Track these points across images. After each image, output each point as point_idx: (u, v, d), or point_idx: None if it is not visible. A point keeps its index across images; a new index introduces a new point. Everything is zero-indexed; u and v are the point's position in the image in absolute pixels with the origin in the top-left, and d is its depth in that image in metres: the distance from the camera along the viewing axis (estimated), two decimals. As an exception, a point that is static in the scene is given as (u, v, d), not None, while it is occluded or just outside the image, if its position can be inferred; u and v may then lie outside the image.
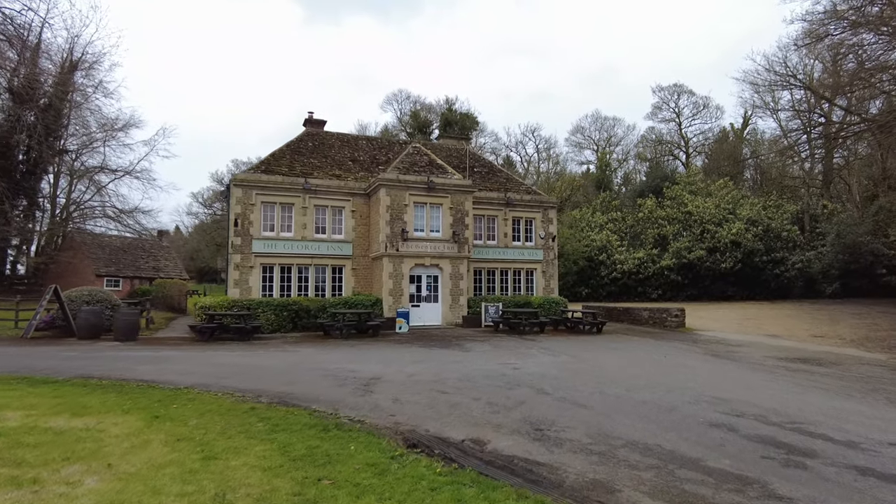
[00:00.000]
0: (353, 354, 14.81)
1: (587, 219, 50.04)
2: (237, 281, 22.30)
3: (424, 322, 22.78)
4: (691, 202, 46.55)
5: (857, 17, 29.65)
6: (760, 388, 10.59)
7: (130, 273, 35.21)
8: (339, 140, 27.57)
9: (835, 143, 44.07)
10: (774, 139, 51.48)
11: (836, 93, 34.04)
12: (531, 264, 26.90)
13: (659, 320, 25.05)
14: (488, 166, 29.86)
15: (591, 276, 45.89)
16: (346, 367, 12.58)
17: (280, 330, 20.69)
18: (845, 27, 30.69)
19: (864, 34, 30.78)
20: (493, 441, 6.86)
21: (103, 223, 50.62)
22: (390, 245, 22.31)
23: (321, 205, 23.67)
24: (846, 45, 31.76)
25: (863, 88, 33.21)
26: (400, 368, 12.44)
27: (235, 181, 22.58)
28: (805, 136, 45.55)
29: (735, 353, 16.09)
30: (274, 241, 22.85)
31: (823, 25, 31.28)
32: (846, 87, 33.88)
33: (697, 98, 62.89)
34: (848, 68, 33.60)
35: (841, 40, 31.63)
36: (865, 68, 31.80)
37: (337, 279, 23.82)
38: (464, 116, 65.66)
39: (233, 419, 7.63)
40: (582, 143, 72.14)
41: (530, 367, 12.72)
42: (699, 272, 44.01)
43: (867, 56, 31.50)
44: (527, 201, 26.96)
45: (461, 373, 11.86)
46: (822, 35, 29.90)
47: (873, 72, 30.77)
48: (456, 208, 23.55)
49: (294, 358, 14.11)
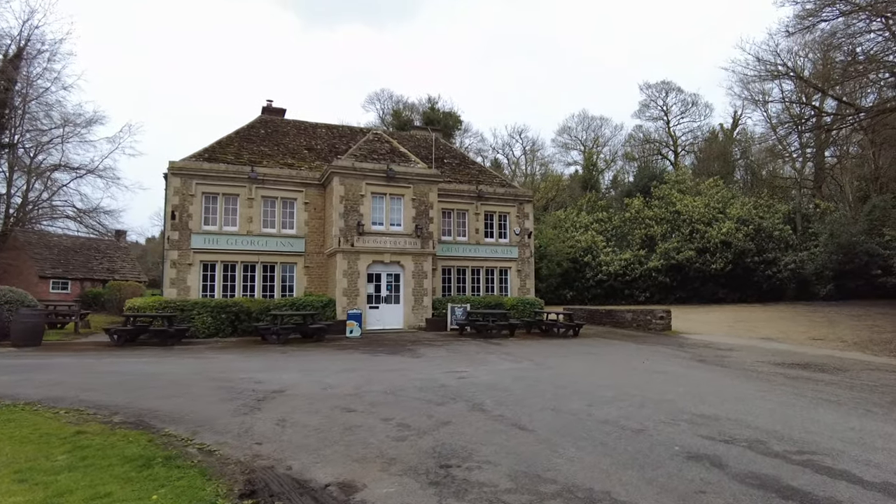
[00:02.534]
0: (276, 362, 12.58)
1: (572, 219, 48.09)
2: (174, 280, 20.03)
3: (384, 325, 20.58)
4: (680, 201, 44.69)
5: (849, 7, 28.02)
6: (755, 401, 8.48)
7: (81, 275, 32.77)
8: (295, 127, 25.38)
9: (827, 137, 42.46)
10: (764, 136, 49.97)
11: (828, 83, 32.29)
12: (505, 262, 24.78)
13: (643, 323, 23.00)
14: (459, 157, 27.76)
15: (575, 279, 43.85)
16: (255, 376, 10.37)
17: (218, 334, 18.46)
18: (837, 14, 29.03)
19: (858, 22, 29.13)
20: (371, 486, 4.70)
21: (63, 224, 48.21)
22: (344, 240, 20.12)
23: (270, 196, 21.45)
24: (838, 34, 30.10)
25: (855, 78, 31.56)
26: (320, 379, 10.24)
27: (173, 169, 20.32)
28: (795, 131, 43.97)
29: (725, 359, 14.00)
30: (216, 235, 20.60)
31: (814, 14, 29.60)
32: (838, 77, 32.24)
33: (686, 96, 61.30)
34: (839, 59, 31.98)
35: (833, 28, 29.98)
36: (858, 59, 30.16)
37: (287, 279, 21.58)
38: (446, 115, 63.71)
39: (37, 447, 5.72)
40: (569, 143, 70.32)
41: (481, 376, 10.56)
42: (688, 274, 42.07)
43: (861, 46, 29.89)
44: (500, 195, 24.86)
45: (392, 384, 9.68)
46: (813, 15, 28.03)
47: (867, 63, 29.11)
48: (419, 199, 21.40)
49: (203, 366, 11.86)
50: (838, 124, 34.74)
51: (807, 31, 30.01)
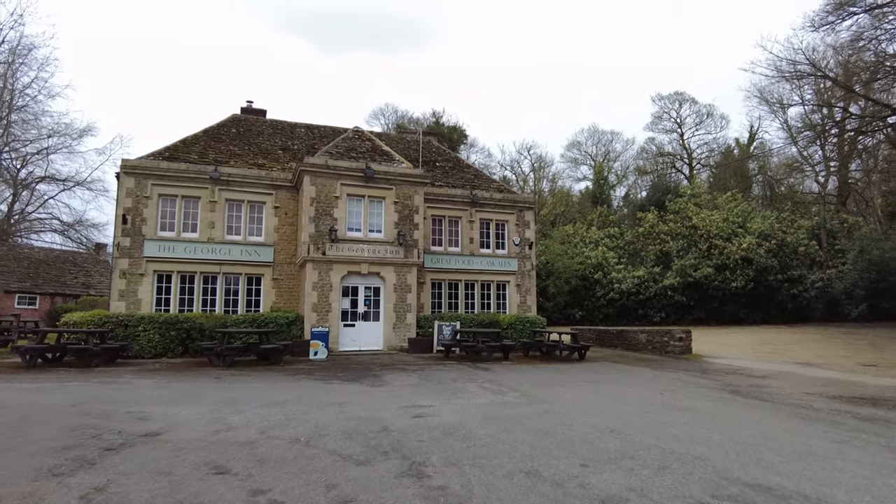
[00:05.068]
0: (197, 391, 10.02)
1: (581, 234, 45.39)
2: (123, 292, 17.63)
3: (360, 346, 17.97)
4: (696, 215, 41.83)
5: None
6: (833, 461, 5.77)
7: (51, 289, 30.57)
8: (270, 127, 23.12)
9: (852, 147, 39.66)
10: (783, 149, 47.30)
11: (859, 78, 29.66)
12: (503, 276, 22.13)
13: (659, 345, 20.21)
14: (453, 161, 25.30)
15: (585, 297, 40.96)
16: (147, 411, 7.84)
17: (166, 354, 16.00)
18: (868, 6, 26.56)
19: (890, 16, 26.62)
20: None
21: (49, 238, 46.39)
22: (315, 248, 17.66)
23: (235, 199, 19.09)
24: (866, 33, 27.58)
25: (885, 78, 28.94)
26: (226, 416, 7.67)
27: (126, 168, 18.06)
28: (818, 141, 41.22)
29: (763, 389, 11.22)
30: (173, 242, 18.23)
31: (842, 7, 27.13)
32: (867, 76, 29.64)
33: (700, 106, 58.71)
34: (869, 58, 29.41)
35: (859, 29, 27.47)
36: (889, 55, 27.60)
37: (254, 292, 19.10)
38: (451, 129, 61.74)
39: None
40: (578, 158, 67.86)
41: (444, 415, 7.92)
42: (707, 292, 39.05)
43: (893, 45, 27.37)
44: (497, 200, 22.32)
45: (315, 426, 7.09)
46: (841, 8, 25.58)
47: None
48: (403, 203, 18.92)
49: (95, 395, 9.30)
50: (868, 126, 31.92)
51: (835, 24, 27.54)
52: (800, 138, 41.82)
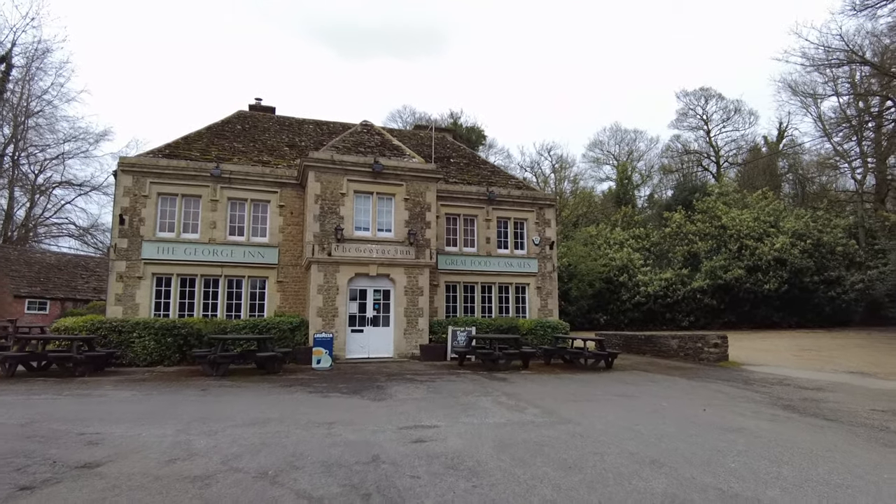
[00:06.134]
0: (172, 406, 8.89)
1: (605, 235, 43.73)
2: (120, 296, 16.73)
3: (369, 353, 16.80)
4: (726, 214, 39.94)
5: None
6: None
7: (62, 294, 30.03)
8: (277, 123, 22.13)
9: (894, 136, 37.38)
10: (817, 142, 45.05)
11: None
12: (522, 278, 20.79)
13: (692, 351, 18.69)
14: (469, 157, 24.02)
15: (609, 301, 39.33)
16: (104, 431, 6.75)
17: (163, 362, 15.03)
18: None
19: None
20: None
21: (66, 242, 46.29)
22: (320, 248, 16.55)
23: (238, 198, 18.10)
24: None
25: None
26: (192, 440, 6.52)
27: (123, 166, 17.19)
28: (855, 136, 39.08)
29: (822, 405, 9.73)
30: (172, 244, 17.29)
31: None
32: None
33: (728, 102, 56.54)
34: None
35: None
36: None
37: (258, 296, 18.06)
38: (469, 130, 60.43)
39: None
40: (600, 157, 66.01)
41: (450, 440, 6.66)
42: (738, 295, 37.17)
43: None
44: (515, 197, 21.00)
45: (292, 454, 5.90)
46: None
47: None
48: (414, 200, 17.73)
49: (57, 410, 8.24)
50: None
51: (877, 6, 25.70)
52: (835, 132, 39.76)
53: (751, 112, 56.73)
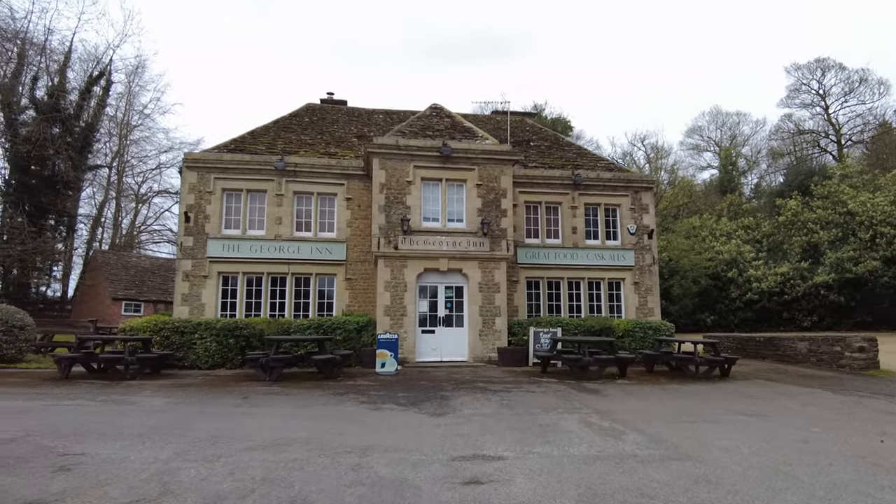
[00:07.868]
0: (190, 419, 7.60)
1: (710, 226, 39.64)
2: (186, 296, 16.23)
3: (441, 356, 15.15)
4: (853, 199, 34.63)
5: None
6: None
7: (154, 296, 31.07)
8: (346, 114, 21.11)
9: None
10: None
11: None
12: (616, 272, 18.32)
13: (828, 357, 15.47)
14: (551, 139, 21.78)
15: (717, 299, 35.41)
16: (89, 452, 5.50)
17: (225, 364, 14.23)
18: None
19: None
20: None
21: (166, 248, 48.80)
22: (386, 241, 15.13)
23: (304, 192, 17.13)
24: None
25: None
26: (181, 468, 5.09)
27: (188, 162, 16.74)
28: None
29: None
30: (238, 241, 16.59)
31: None
32: None
33: (850, 73, 49.78)
34: None
35: None
36: None
37: (326, 293, 16.98)
38: (554, 121, 57.54)
39: None
40: (700, 144, 60.77)
41: (516, 482, 4.78)
42: (872, 290, 32.06)
43: None
44: (606, 180, 18.58)
45: (297, 496, 4.28)
46: None
47: None
48: (487, 186, 15.90)
49: (66, 419, 7.16)
50: None
51: None
52: None
53: (880, 81, 49.61)
